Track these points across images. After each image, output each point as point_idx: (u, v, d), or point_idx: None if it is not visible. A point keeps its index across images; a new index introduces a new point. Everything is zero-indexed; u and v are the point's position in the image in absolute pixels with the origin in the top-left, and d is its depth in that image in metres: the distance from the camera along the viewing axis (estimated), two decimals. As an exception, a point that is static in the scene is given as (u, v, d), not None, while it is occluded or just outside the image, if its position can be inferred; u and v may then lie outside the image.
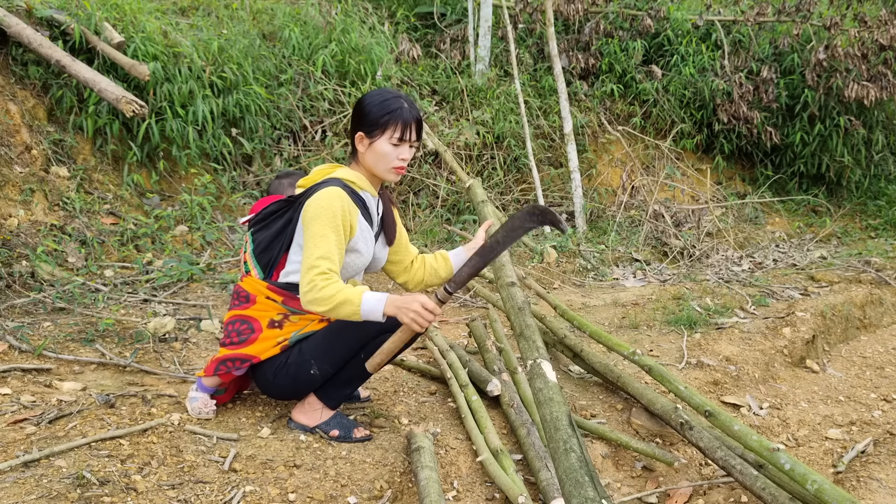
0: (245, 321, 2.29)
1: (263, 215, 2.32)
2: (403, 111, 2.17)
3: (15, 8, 4.43)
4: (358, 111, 2.22)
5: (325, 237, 2.10)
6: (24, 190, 3.95)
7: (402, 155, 2.21)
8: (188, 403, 2.42)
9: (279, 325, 2.27)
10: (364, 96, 2.24)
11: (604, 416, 2.84)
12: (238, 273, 4.07)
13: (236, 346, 2.28)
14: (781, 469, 2.04)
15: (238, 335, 2.28)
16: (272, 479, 2.08)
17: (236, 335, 2.29)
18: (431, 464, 2.15)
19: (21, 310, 3.27)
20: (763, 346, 3.56)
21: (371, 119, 2.18)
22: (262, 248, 2.29)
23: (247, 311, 2.29)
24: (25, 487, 1.88)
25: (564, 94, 6.21)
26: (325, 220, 2.10)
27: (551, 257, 5.12)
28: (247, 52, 5.37)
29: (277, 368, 2.28)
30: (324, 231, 2.10)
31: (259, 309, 2.28)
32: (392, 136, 2.18)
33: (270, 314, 2.27)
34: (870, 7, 7.68)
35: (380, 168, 2.23)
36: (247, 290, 2.31)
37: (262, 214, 2.33)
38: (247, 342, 2.27)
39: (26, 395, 2.45)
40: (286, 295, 2.25)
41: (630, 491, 2.43)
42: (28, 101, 4.36)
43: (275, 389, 2.36)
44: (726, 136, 7.48)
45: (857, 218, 7.59)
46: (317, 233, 2.10)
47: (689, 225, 6.30)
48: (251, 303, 2.29)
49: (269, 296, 2.26)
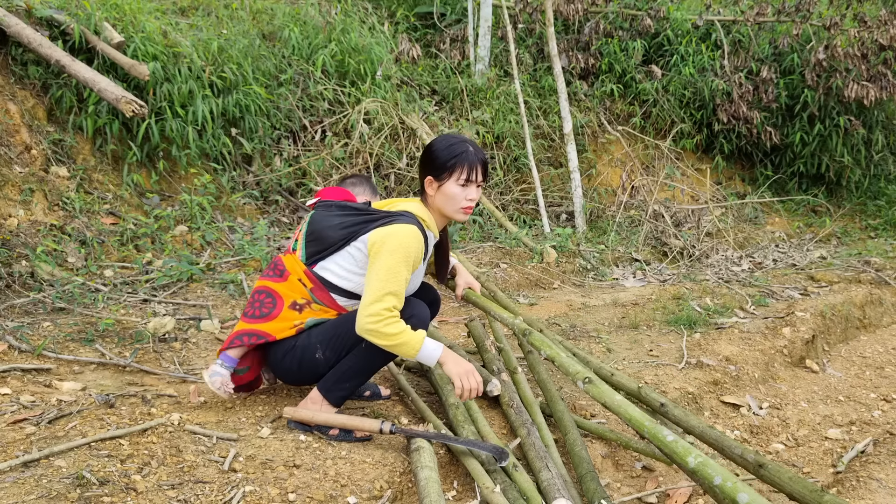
0: (270, 294, 2.36)
1: (333, 206, 2.40)
2: (469, 154, 2.28)
3: (15, 8, 4.43)
4: (426, 157, 2.33)
5: (398, 273, 2.19)
6: (24, 190, 3.95)
7: (470, 195, 2.32)
8: (208, 377, 2.39)
9: (300, 308, 2.34)
10: (431, 143, 2.34)
11: (604, 416, 2.84)
12: (241, 272, 4.07)
13: (256, 319, 2.35)
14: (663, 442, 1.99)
15: (260, 307, 2.36)
16: (272, 479, 2.08)
17: (259, 306, 2.36)
18: (431, 464, 2.14)
19: (21, 310, 3.27)
20: (763, 346, 3.56)
21: (439, 163, 2.28)
22: (316, 237, 2.37)
23: (276, 284, 2.37)
24: (25, 487, 1.88)
25: (564, 94, 6.21)
26: (402, 256, 2.20)
27: (551, 257, 5.12)
28: (247, 52, 5.36)
29: (287, 350, 2.35)
30: (398, 267, 2.19)
31: (288, 287, 2.36)
32: (459, 177, 2.28)
33: (295, 296, 2.35)
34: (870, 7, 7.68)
35: (449, 209, 2.34)
36: (285, 264, 2.39)
37: (332, 205, 2.40)
38: (267, 317, 2.34)
39: (26, 395, 2.45)
40: (317, 284, 2.34)
41: (630, 491, 2.43)
42: (28, 101, 4.35)
43: (281, 370, 2.42)
44: (726, 136, 7.48)
45: (857, 218, 7.59)
46: (392, 267, 2.19)
47: (688, 225, 6.30)
48: (283, 278, 2.37)
49: (302, 278, 2.35)
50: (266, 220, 4.95)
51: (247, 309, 2.40)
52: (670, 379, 3.13)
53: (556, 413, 2.66)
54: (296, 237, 2.45)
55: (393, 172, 5.69)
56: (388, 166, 5.72)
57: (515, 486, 2.15)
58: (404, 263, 2.20)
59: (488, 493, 2.08)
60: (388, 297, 2.17)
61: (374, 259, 2.21)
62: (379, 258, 2.20)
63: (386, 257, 2.19)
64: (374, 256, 2.22)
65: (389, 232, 2.22)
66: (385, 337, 2.16)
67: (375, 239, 2.23)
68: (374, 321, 2.15)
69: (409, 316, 2.29)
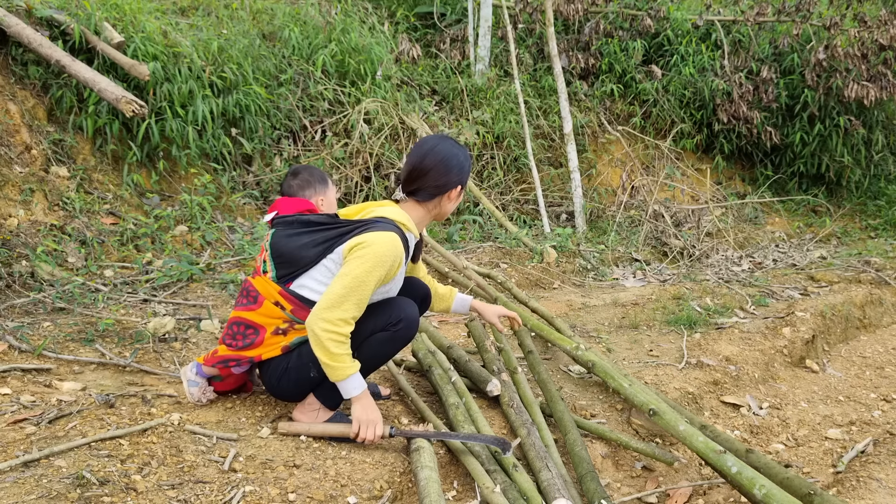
0: (251, 326, 2.29)
1: (294, 222, 2.30)
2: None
3: (15, 8, 4.43)
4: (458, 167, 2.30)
5: (364, 283, 2.12)
6: (24, 190, 3.95)
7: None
8: (187, 388, 2.42)
9: (283, 332, 2.28)
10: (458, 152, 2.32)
11: (604, 416, 2.84)
12: (241, 272, 4.07)
13: (239, 349, 2.31)
14: (728, 473, 2.02)
15: (243, 339, 2.30)
16: (272, 479, 2.08)
17: (241, 338, 2.30)
18: (431, 464, 2.14)
19: (21, 310, 3.27)
20: (763, 346, 3.56)
21: (465, 172, 2.34)
22: (286, 259, 2.27)
23: (253, 314, 2.29)
24: (25, 487, 1.88)
25: (564, 94, 6.21)
26: (371, 265, 2.13)
27: (551, 257, 5.11)
28: (247, 52, 5.37)
29: (280, 374, 2.32)
30: (366, 277, 2.12)
31: (265, 314, 2.28)
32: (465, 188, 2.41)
33: (276, 322, 2.27)
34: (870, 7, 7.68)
35: (446, 211, 2.39)
36: (257, 289, 2.29)
37: (293, 221, 2.31)
38: (250, 347, 2.30)
39: (26, 395, 2.45)
40: (296, 304, 2.25)
41: (630, 491, 2.43)
42: (28, 101, 4.35)
43: (280, 392, 2.40)
44: (726, 136, 7.48)
45: (857, 218, 7.59)
46: (359, 276, 2.12)
47: (688, 225, 6.30)
48: (257, 304, 2.28)
49: (279, 301, 2.26)
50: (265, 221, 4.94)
51: (227, 339, 2.33)
52: (670, 379, 3.13)
53: (556, 413, 2.66)
54: (263, 258, 2.34)
55: (393, 172, 5.69)
56: (388, 166, 5.72)
57: (515, 486, 2.15)
58: (373, 273, 2.12)
59: (488, 493, 2.08)
60: (349, 305, 2.11)
61: (346, 265, 2.15)
62: (348, 264, 2.14)
63: (355, 265, 2.13)
64: (346, 263, 2.16)
65: (364, 240, 2.15)
66: (325, 352, 2.12)
67: (350, 246, 2.17)
68: (325, 329, 2.10)
69: (397, 320, 2.26)
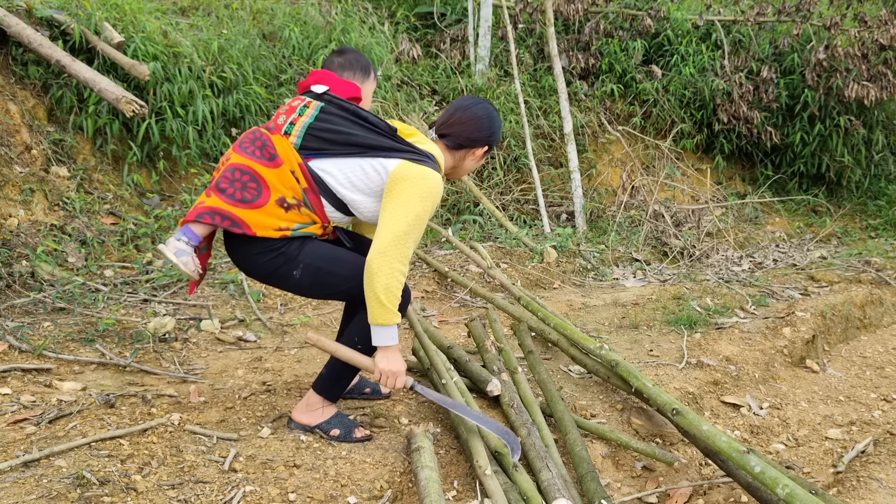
0: (256, 179, 2.08)
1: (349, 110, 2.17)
2: None
3: (15, 8, 4.43)
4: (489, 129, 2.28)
5: (422, 222, 2.07)
6: (24, 190, 3.95)
7: None
8: (175, 256, 2.07)
9: (286, 208, 2.10)
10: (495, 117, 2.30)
11: (604, 415, 2.84)
12: (241, 271, 4.07)
13: (237, 203, 2.06)
14: (751, 472, 2.02)
15: (243, 189, 2.07)
16: (272, 479, 2.08)
17: (240, 188, 2.07)
18: (431, 464, 2.14)
19: (21, 310, 3.27)
20: (763, 346, 3.56)
21: (495, 138, 2.31)
22: (323, 136, 2.13)
23: (265, 170, 2.09)
24: (25, 487, 1.88)
25: (564, 94, 6.21)
26: (430, 205, 2.09)
27: (551, 257, 5.11)
28: (247, 51, 5.36)
29: (269, 251, 2.12)
30: (424, 216, 2.07)
31: (278, 177, 2.09)
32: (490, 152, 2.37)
33: (285, 192, 2.10)
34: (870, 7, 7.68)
35: (465, 171, 2.35)
36: (277, 148, 2.11)
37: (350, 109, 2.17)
38: (249, 204, 2.06)
39: (26, 395, 2.45)
40: (311, 185, 2.11)
41: (630, 491, 2.43)
42: (28, 101, 4.36)
43: (250, 264, 2.18)
44: (726, 136, 7.48)
45: (857, 218, 7.59)
46: (420, 214, 2.06)
47: (689, 225, 6.30)
48: (274, 164, 2.09)
49: (296, 172, 2.10)
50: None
51: (222, 184, 2.08)
52: (670, 379, 3.13)
53: (557, 413, 2.66)
54: (289, 118, 2.16)
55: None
56: (388, 166, 5.72)
57: (516, 488, 2.14)
58: (430, 211, 2.08)
59: (480, 472, 2.08)
60: (411, 243, 2.03)
61: (402, 196, 2.04)
62: (410, 200, 2.04)
63: (417, 203, 2.04)
64: (400, 192, 2.05)
65: (423, 174, 2.07)
66: (386, 291, 2.01)
67: (406, 174, 2.06)
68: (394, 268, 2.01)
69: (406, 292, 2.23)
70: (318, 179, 2.12)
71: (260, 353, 3.20)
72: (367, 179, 2.12)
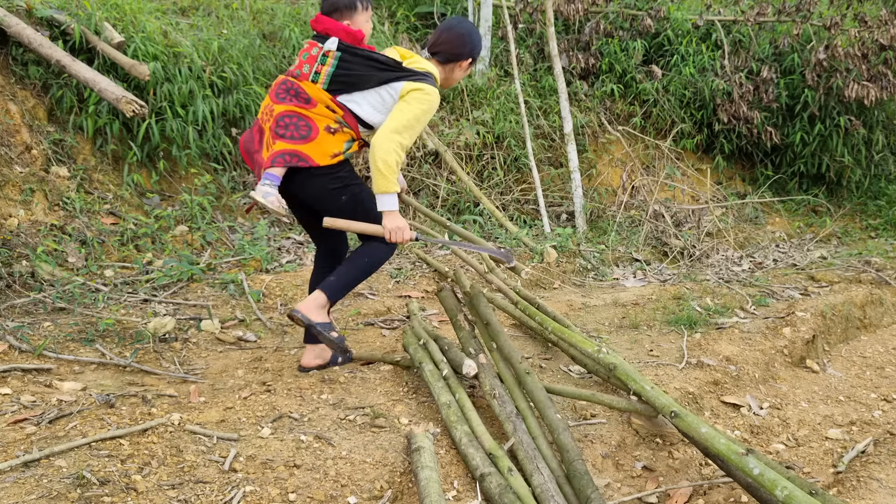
0: (303, 119, 2.59)
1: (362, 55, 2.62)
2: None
3: (15, 8, 4.43)
4: (471, 44, 2.75)
5: (419, 123, 2.58)
6: (25, 190, 3.95)
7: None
8: (264, 198, 2.51)
9: (333, 132, 2.61)
10: (473, 33, 2.76)
11: (604, 415, 2.84)
12: (242, 271, 4.07)
13: (296, 140, 2.56)
14: (750, 474, 2.01)
15: (296, 129, 2.57)
16: (272, 479, 2.08)
17: (294, 129, 2.57)
18: (431, 464, 2.14)
19: (21, 310, 3.27)
20: (763, 346, 3.56)
21: (476, 51, 2.79)
22: (347, 80, 2.60)
23: (305, 111, 2.59)
24: (25, 487, 1.88)
25: (564, 94, 6.21)
26: (426, 110, 2.58)
27: (551, 257, 5.11)
28: (247, 51, 5.37)
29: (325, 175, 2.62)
30: (422, 118, 2.58)
31: (317, 113, 2.59)
32: (474, 63, 2.82)
33: (327, 121, 2.60)
34: (870, 7, 7.68)
35: (455, 78, 2.82)
36: (308, 92, 2.59)
37: (363, 55, 2.63)
38: (306, 139, 2.57)
39: (26, 395, 2.45)
40: (347, 112, 2.62)
41: (630, 491, 2.43)
42: (28, 101, 4.36)
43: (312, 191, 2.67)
44: (726, 136, 7.48)
45: (858, 218, 7.59)
46: (418, 117, 2.56)
47: (689, 225, 6.30)
48: (311, 105, 2.59)
49: (331, 106, 2.60)
50: (266, 220, 4.95)
51: (280, 130, 2.57)
52: (670, 379, 3.13)
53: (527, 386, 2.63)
54: (313, 67, 2.61)
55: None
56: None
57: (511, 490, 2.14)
58: (426, 115, 2.58)
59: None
60: (408, 135, 2.54)
61: (405, 103, 2.56)
62: (410, 105, 2.55)
63: (415, 106, 2.55)
64: (404, 100, 2.57)
65: (423, 88, 2.58)
66: (386, 165, 2.50)
67: (410, 88, 2.57)
68: (393, 147, 2.50)
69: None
70: (349, 109, 2.63)
71: (260, 353, 3.20)
72: (383, 102, 2.63)
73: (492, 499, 2.13)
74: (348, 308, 3.86)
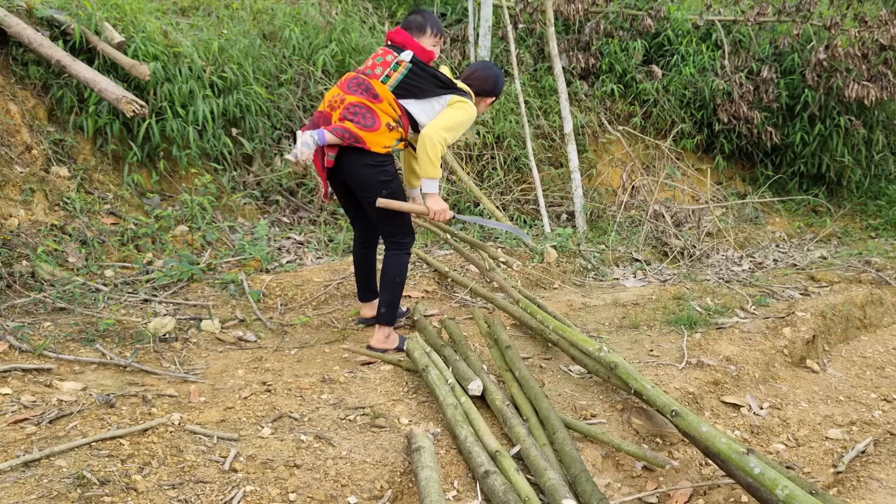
0: (371, 112, 3.00)
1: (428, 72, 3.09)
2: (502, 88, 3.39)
3: (15, 8, 4.43)
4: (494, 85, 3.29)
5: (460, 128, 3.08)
6: (25, 190, 3.95)
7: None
8: (299, 146, 2.88)
9: (391, 129, 3.03)
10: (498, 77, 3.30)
11: (604, 415, 2.84)
12: (242, 271, 4.07)
13: (360, 127, 2.97)
14: (751, 474, 2.00)
15: (363, 119, 2.98)
16: (272, 479, 2.08)
17: (362, 118, 2.99)
18: (432, 464, 2.15)
19: (21, 310, 3.28)
20: (763, 346, 3.56)
21: (499, 92, 3.34)
22: (412, 88, 3.05)
23: (372, 104, 3.01)
24: (26, 487, 1.88)
25: (564, 93, 6.21)
26: (465, 120, 3.09)
27: (551, 257, 5.11)
28: (247, 52, 5.36)
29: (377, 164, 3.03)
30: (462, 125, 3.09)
31: (382, 110, 3.02)
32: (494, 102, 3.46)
33: (388, 119, 3.02)
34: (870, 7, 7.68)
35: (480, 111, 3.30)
36: (377, 90, 3.02)
37: (430, 72, 3.09)
38: (370, 129, 2.97)
39: (26, 394, 2.45)
40: (403, 113, 3.07)
41: (630, 491, 2.43)
42: (28, 101, 4.36)
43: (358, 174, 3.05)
44: (726, 136, 7.48)
45: (858, 218, 7.59)
46: (460, 123, 3.07)
47: (689, 225, 6.30)
48: (377, 100, 3.01)
49: (392, 105, 3.03)
50: (267, 220, 4.95)
51: (349, 116, 2.98)
52: (671, 379, 3.13)
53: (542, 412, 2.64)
54: (385, 71, 3.04)
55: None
56: (388, 166, 5.72)
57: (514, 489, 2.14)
58: (467, 123, 3.09)
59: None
60: (450, 134, 3.01)
61: (452, 109, 3.06)
62: (456, 111, 3.06)
63: (461, 113, 3.06)
64: (451, 107, 3.07)
65: (467, 101, 3.11)
66: (434, 152, 2.95)
67: (457, 100, 3.08)
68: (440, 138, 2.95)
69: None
70: (406, 110, 3.07)
71: (260, 353, 3.20)
72: (433, 109, 3.11)
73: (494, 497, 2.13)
74: (348, 308, 3.86)
